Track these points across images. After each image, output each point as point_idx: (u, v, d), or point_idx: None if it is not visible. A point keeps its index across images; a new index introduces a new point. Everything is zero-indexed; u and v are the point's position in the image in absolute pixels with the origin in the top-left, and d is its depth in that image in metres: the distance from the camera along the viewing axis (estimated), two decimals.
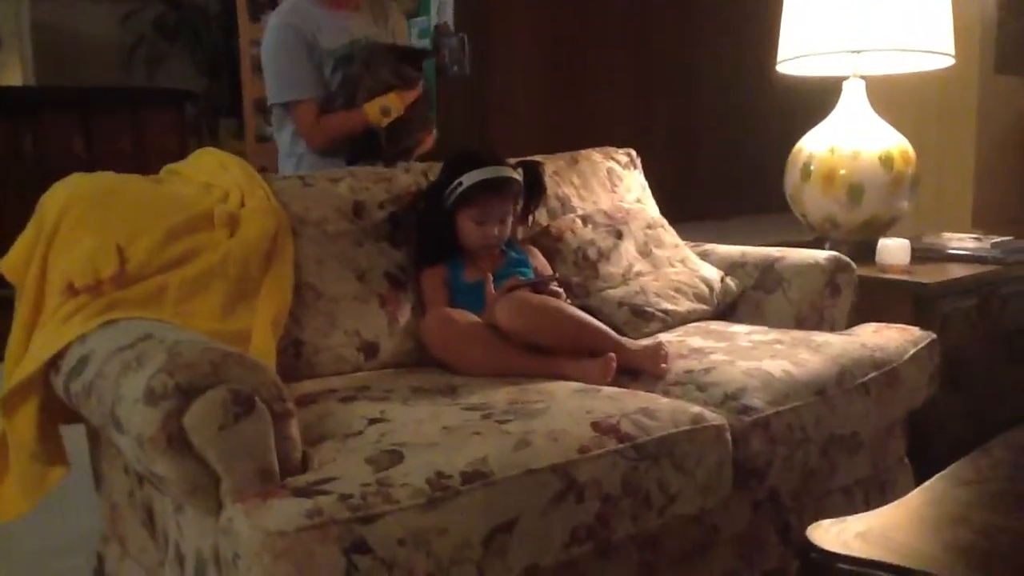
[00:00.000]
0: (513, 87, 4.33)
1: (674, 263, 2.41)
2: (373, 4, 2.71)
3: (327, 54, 2.53)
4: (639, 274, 2.33)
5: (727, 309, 2.42)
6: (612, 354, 1.87)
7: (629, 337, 2.06)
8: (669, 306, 2.28)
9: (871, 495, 2.08)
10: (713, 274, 2.42)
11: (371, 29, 2.64)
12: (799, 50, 2.77)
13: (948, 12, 2.67)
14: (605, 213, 2.43)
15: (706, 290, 2.37)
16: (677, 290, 2.33)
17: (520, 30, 4.71)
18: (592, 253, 2.30)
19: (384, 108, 2.48)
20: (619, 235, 2.37)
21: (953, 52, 2.71)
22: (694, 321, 2.31)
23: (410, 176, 2.20)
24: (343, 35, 2.55)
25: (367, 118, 2.49)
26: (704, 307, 2.35)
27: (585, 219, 2.38)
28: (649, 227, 2.47)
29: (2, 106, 4.74)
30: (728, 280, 2.43)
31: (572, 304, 2.04)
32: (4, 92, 4.92)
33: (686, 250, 2.49)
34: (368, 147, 2.47)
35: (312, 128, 2.53)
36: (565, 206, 2.44)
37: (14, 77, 5.01)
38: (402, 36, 2.79)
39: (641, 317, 2.22)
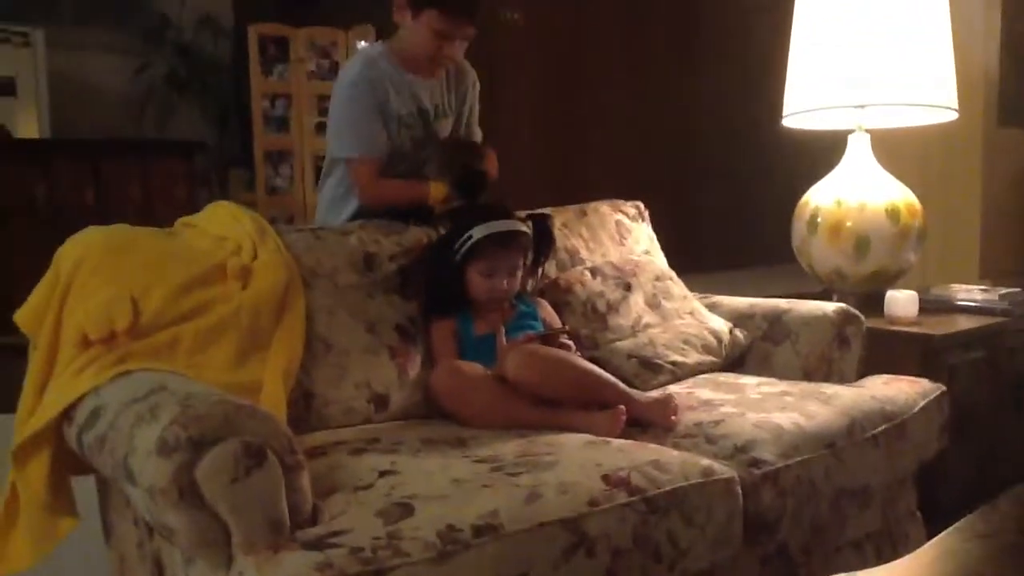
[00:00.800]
0: (518, 134, 4.37)
1: (683, 315, 2.42)
2: (453, 73, 2.62)
3: (394, 118, 2.44)
4: (648, 326, 2.34)
5: (736, 361, 2.43)
6: (622, 407, 1.87)
7: (638, 389, 2.06)
8: (678, 358, 2.28)
9: (882, 549, 2.07)
10: (722, 326, 2.43)
11: (440, 98, 2.55)
12: (804, 105, 2.81)
13: (951, 66, 2.71)
14: (614, 265, 2.44)
15: (715, 342, 2.38)
16: (686, 342, 2.33)
17: (526, 76, 4.77)
18: (601, 305, 2.32)
19: (449, 197, 2.38)
20: (628, 287, 2.39)
21: (957, 106, 2.74)
22: (703, 373, 2.32)
23: (420, 229, 2.23)
24: (412, 102, 2.47)
25: (429, 195, 2.36)
26: (713, 359, 2.36)
27: (594, 271, 2.40)
28: (658, 279, 2.48)
29: (17, 156, 4.81)
30: (737, 332, 2.44)
31: (581, 356, 2.05)
32: (20, 144, 4.99)
33: (695, 302, 2.50)
34: (419, 213, 2.40)
35: (369, 186, 2.43)
36: (574, 258, 2.45)
37: (30, 128, 5.08)
38: (473, 102, 2.70)
39: (650, 369, 2.23)
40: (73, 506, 1.80)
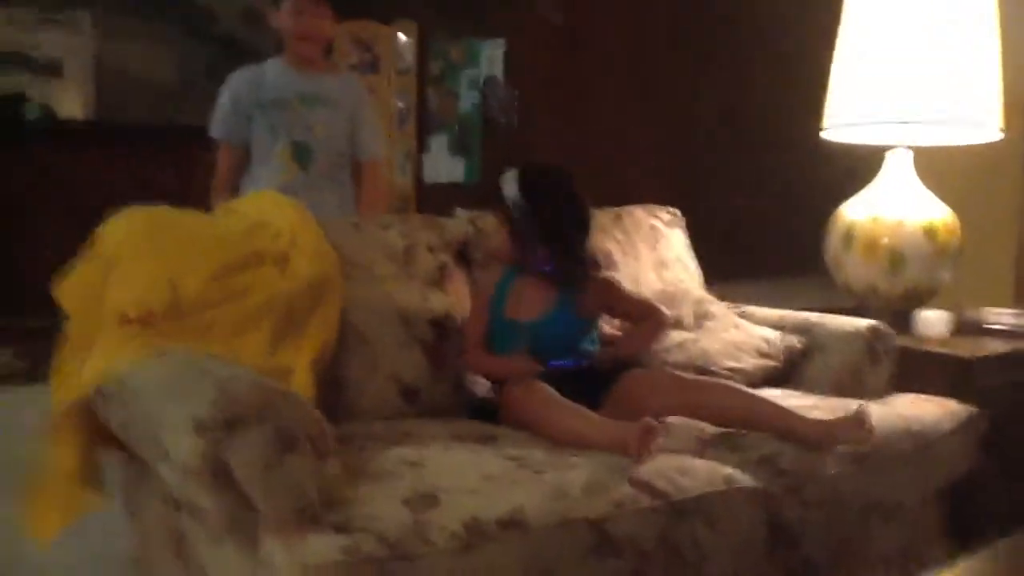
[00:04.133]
0: (556, 135, 4.37)
1: (728, 328, 2.41)
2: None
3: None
4: (695, 341, 2.34)
5: (788, 368, 2.39)
6: (648, 419, 1.66)
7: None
8: (734, 364, 2.28)
9: (907, 567, 2.05)
10: (771, 333, 2.41)
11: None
12: (845, 117, 2.79)
13: (997, 86, 2.68)
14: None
15: (767, 347, 2.36)
16: (739, 348, 2.33)
17: (566, 82, 4.78)
18: None
19: None
20: None
21: (1002, 125, 2.72)
22: (762, 378, 2.30)
23: (459, 224, 2.24)
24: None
25: None
26: (770, 363, 2.34)
27: None
28: (697, 303, 2.48)
29: (61, 138, 4.88)
30: (789, 337, 2.40)
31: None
32: (64, 125, 5.07)
33: (736, 318, 2.49)
34: None
35: None
36: (608, 261, 2.45)
37: (74, 109, 5.16)
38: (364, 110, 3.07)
39: (708, 376, 2.22)
40: (100, 481, 1.82)
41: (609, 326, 2.24)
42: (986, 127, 2.70)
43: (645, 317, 2.17)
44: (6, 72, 5.06)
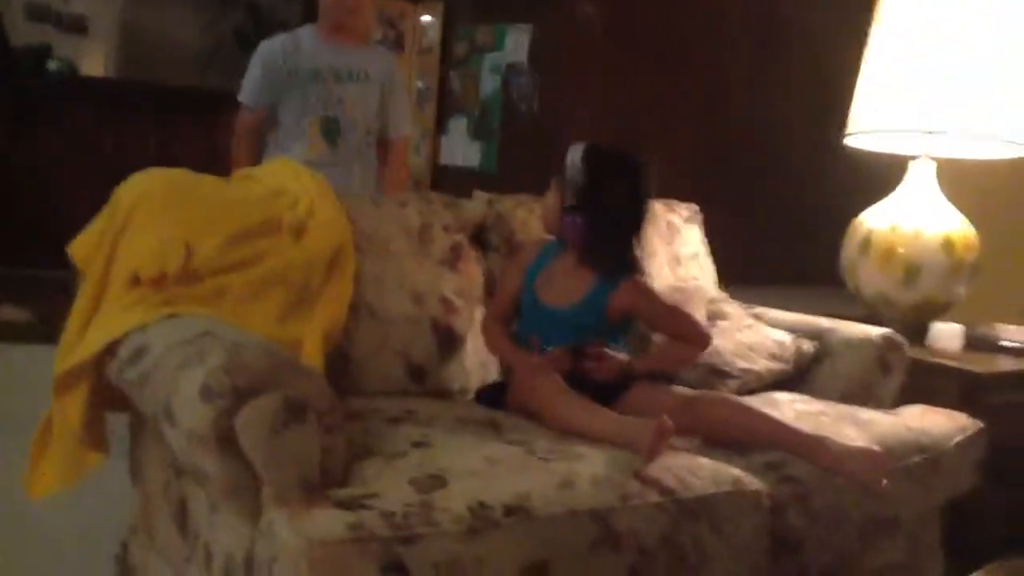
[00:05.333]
0: (579, 130, 4.35)
1: (741, 329, 2.39)
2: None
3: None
4: None
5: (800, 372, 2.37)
6: (664, 418, 1.65)
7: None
8: (746, 364, 2.27)
9: None
10: (783, 336, 2.39)
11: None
12: (870, 125, 2.77)
13: None
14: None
15: (779, 350, 2.35)
16: (751, 349, 2.31)
17: (592, 73, 4.75)
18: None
19: None
20: None
21: None
22: (773, 381, 2.29)
23: (477, 206, 2.22)
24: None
25: None
26: (781, 366, 2.32)
27: None
28: (711, 302, 2.46)
29: (82, 95, 4.87)
30: (801, 341, 2.39)
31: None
32: (87, 82, 5.05)
33: (750, 319, 2.47)
34: None
35: None
36: None
37: (96, 67, 5.14)
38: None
39: (718, 376, 2.22)
40: (104, 441, 1.82)
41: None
42: (1013, 143, 2.68)
43: (685, 338, 2.06)
44: (33, 25, 5.06)
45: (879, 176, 3.02)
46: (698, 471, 1.61)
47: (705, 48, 5.08)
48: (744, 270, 2.82)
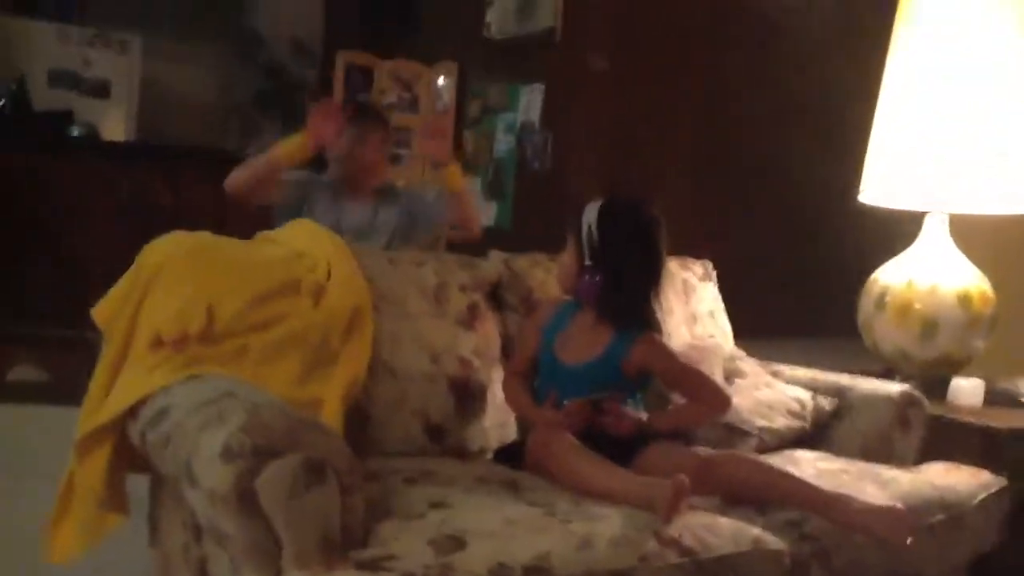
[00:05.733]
0: (593, 187, 4.39)
1: (760, 387, 2.39)
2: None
3: None
4: None
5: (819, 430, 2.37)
6: (682, 476, 1.63)
7: None
8: (765, 423, 2.26)
9: None
10: (802, 393, 2.39)
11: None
12: (883, 181, 2.79)
13: None
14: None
15: (798, 407, 2.34)
16: (770, 407, 2.31)
17: (602, 132, 4.79)
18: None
19: None
20: None
21: None
22: (792, 439, 2.28)
23: (493, 265, 2.24)
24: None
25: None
26: (800, 424, 2.32)
27: None
28: (728, 360, 2.46)
29: (106, 158, 4.96)
30: (820, 399, 2.38)
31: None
32: (106, 145, 5.15)
33: (768, 376, 2.47)
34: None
35: None
36: None
37: (117, 131, 5.24)
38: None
39: (737, 435, 2.21)
40: (125, 503, 1.82)
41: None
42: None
43: (702, 398, 2.06)
44: (56, 91, 5.17)
45: (897, 229, 3.04)
46: (718, 531, 1.60)
47: (716, 102, 5.13)
48: (760, 324, 2.82)
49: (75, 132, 5.02)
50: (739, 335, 2.67)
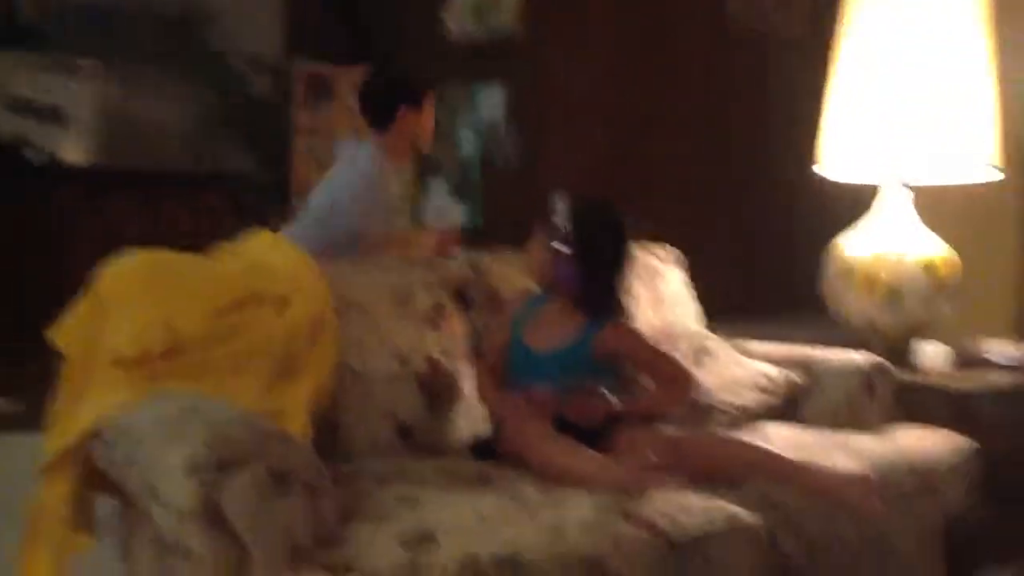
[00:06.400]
0: (565, 180, 4.39)
1: (729, 365, 2.40)
2: None
3: None
4: None
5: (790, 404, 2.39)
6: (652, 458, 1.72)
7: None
8: (734, 400, 2.28)
9: None
10: (771, 369, 2.40)
11: None
12: (838, 153, 2.81)
13: (992, 124, 2.69)
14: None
15: (767, 383, 2.36)
16: (739, 384, 2.32)
17: (578, 124, 4.80)
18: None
19: None
20: None
21: (998, 164, 2.72)
22: (763, 415, 2.30)
23: (458, 264, 2.25)
24: None
25: None
26: (770, 399, 2.34)
27: None
28: (695, 340, 2.47)
29: (65, 184, 4.94)
30: (789, 373, 2.39)
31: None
32: (66, 171, 5.11)
33: (736, 354, 2.48)
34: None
35: None
36: None
37: (76, 156, 5.22)
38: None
39: (707, 413, 2.23)
40: (93, 524, 1.81)
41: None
42: (979, 165, 2.71)
43: (671, 380, 2.08)
44: (14, 118, 5.14)
45: (849, 200, 3.06)
46: (690, 510, 1.61)
47: (665, 76, 5.14)
48: (725, 302, 2.83)
49: (31, 158, 5.00)
50: (708, 315, 2.68)
